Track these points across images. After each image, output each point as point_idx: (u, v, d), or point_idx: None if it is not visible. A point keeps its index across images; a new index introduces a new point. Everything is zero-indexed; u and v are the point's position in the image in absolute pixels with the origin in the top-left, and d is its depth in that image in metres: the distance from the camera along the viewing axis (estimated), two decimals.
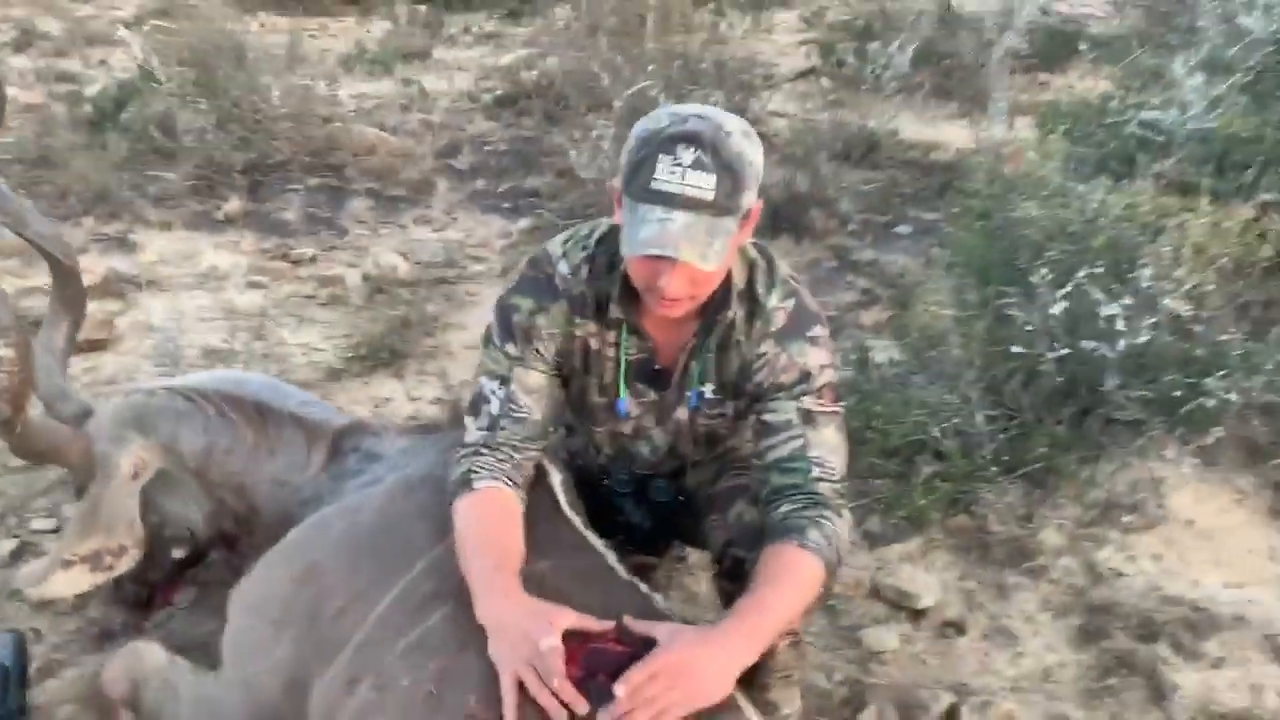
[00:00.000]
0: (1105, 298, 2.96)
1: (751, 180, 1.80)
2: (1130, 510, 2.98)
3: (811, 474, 1.95)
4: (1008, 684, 2.53)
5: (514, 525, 1.93)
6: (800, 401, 1.99)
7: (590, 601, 1.77)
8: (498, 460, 2.00)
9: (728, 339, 2.05)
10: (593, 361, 2.12)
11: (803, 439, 1.97)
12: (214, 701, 2.14)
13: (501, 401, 2.04)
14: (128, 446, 2.45)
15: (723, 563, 2.15)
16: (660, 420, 2.20)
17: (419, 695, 1.68)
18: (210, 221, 5.70)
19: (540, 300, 2.05)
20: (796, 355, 2.00)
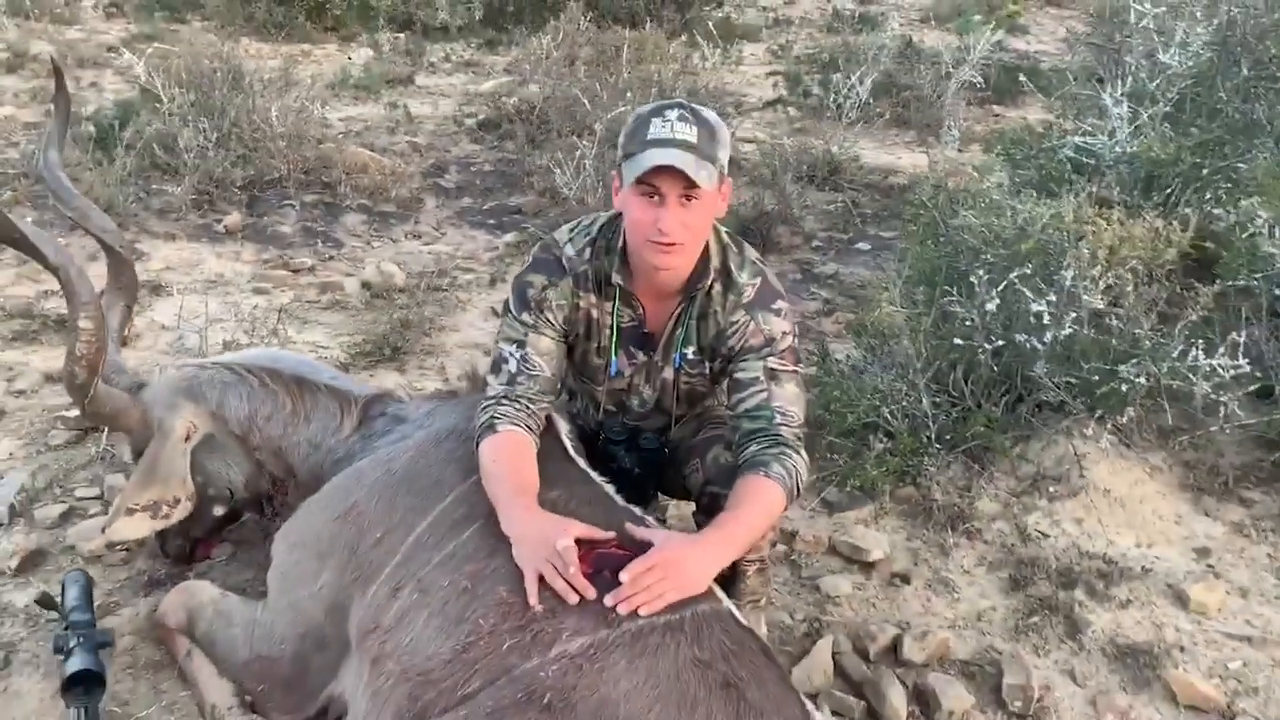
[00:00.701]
0: (1034, 296, 3.37)
1: (724, 142, 2.25)
2: (1056, 481, 3.38)
3: (775, 420, 2.36)
4: (946, 623, 2.91)
5: (529, 460, 2.31)
6: (766, 361, 2.40)
7: (595, 520, 2.15)
8: (515, 409, 2.38)
9: (706, 309, 2.46)
10: (593, 329, 2.53)
11: (767, 392, 2.38)
12: (264, 625, 2.48)
13: (518, 361, 2.43)
14: (180, 412, 2.79)
15: (701, 500, 2.53)
16: (649, 378, 2.60)
17: (456, 592, 2.03)
18: (211, 233, 6.03)
19: (550, 277, 2.46)
20: (763, 323, 2.41)
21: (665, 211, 2.21)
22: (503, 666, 1.86)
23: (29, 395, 3.93)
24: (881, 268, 5.84)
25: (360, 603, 2.28)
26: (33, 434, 3.67)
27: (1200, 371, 3.24)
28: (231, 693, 2.45)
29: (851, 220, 6.49)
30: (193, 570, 2.99)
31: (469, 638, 1.93)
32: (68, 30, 12.30)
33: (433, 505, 2.31)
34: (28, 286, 4.96)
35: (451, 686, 1.88)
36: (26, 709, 2.46)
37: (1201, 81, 4.76)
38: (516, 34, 12.10)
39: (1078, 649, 2.81)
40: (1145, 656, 2.76)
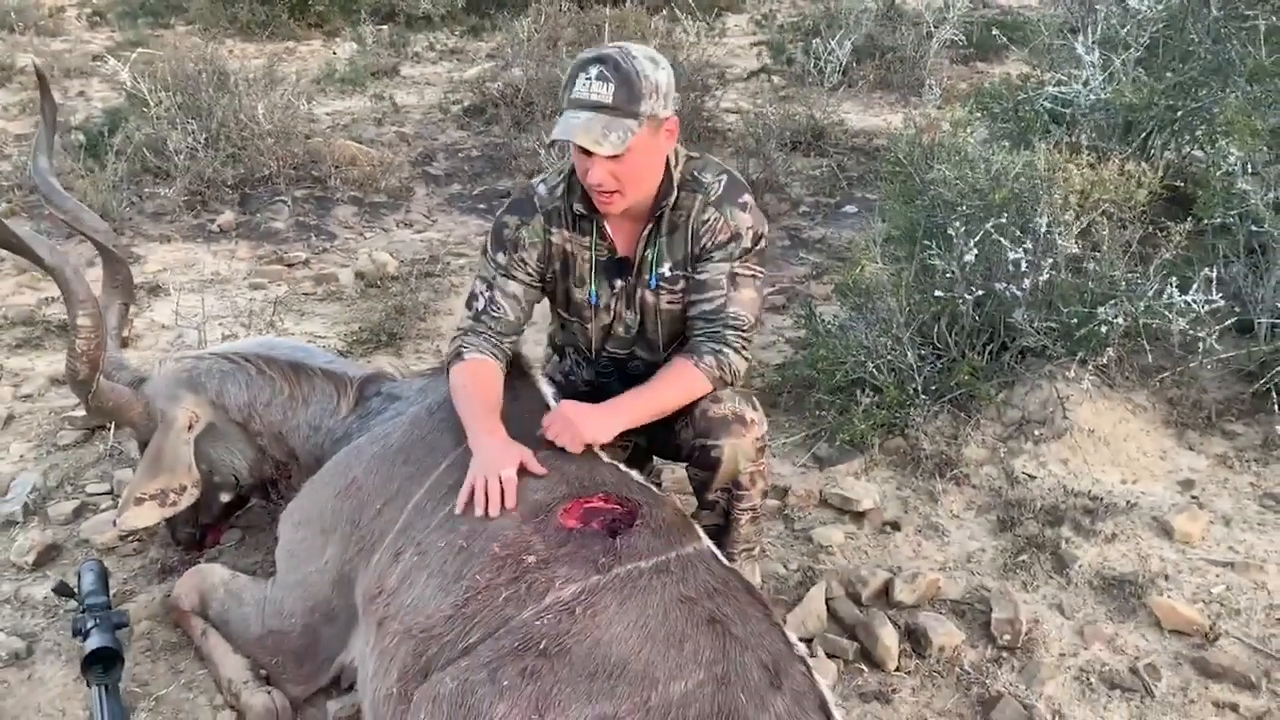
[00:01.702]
0: (1011, 245, 3.45)
1: (649, 91, 2.33)
2: (1040, 424, 3.45)
3: (727, 324, 2.54)
4: (936, 565, 2.99)
5: (495, 384, 2.52)
6: (732, 265, 2.54)
7: (580, 474, 2.24)
8: (482, 340, 2.60)
9: (676, 222, 2.57)
10: (570, 264, 2.66)
11: (724, 297, 2.55)
12: (275, 601, 2.57)
13: (486, 301, 2.64)
14: (182, 403, 2.88)
15: (692, 455, 2.61)
16: (629, 303, 2.69)
17: (453, 552, 2.11)
18: (206, 233, 6.11)
19: (523, 216, 2.62)
20: (729, 218, 2.54)
21: (593, 165, 2.36)
22: (500, 618, 1.94)
23: (36, 399, 4.02)
24: (868, 229, 5.90)
25: (365, 573, 2.37)
26: (42, 435, 3.76)
27: (1176, 308, 3.31)
28: (246, 667, 2.55)
29: (838, 184, 6.54)
30: (203, 556, 3.08)
31: (467, 593, 2.01)
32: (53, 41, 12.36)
33: (428, 473, 2.39)
34: (29, 295, 5.04)
35: (453, 640, 1.97)
36: (50, 694, 2.56)
37: (1173, 25, 4.81)
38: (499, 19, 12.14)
39: (1065, 583, 2.89)
40: (1130, 586, 2.84)
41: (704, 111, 7.39)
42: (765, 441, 2.62)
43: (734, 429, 2.53)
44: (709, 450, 2.53)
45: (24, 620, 2.82)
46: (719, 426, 2.52)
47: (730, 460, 2.54)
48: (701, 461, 2.58)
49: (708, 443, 2.55)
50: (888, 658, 2.58)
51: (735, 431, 2.53)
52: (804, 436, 3.58)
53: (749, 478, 2.59)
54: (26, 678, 2.61)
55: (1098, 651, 2.64)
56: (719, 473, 2.56)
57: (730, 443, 2.52)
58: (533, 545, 2.05)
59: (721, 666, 1.82)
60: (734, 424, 2.53)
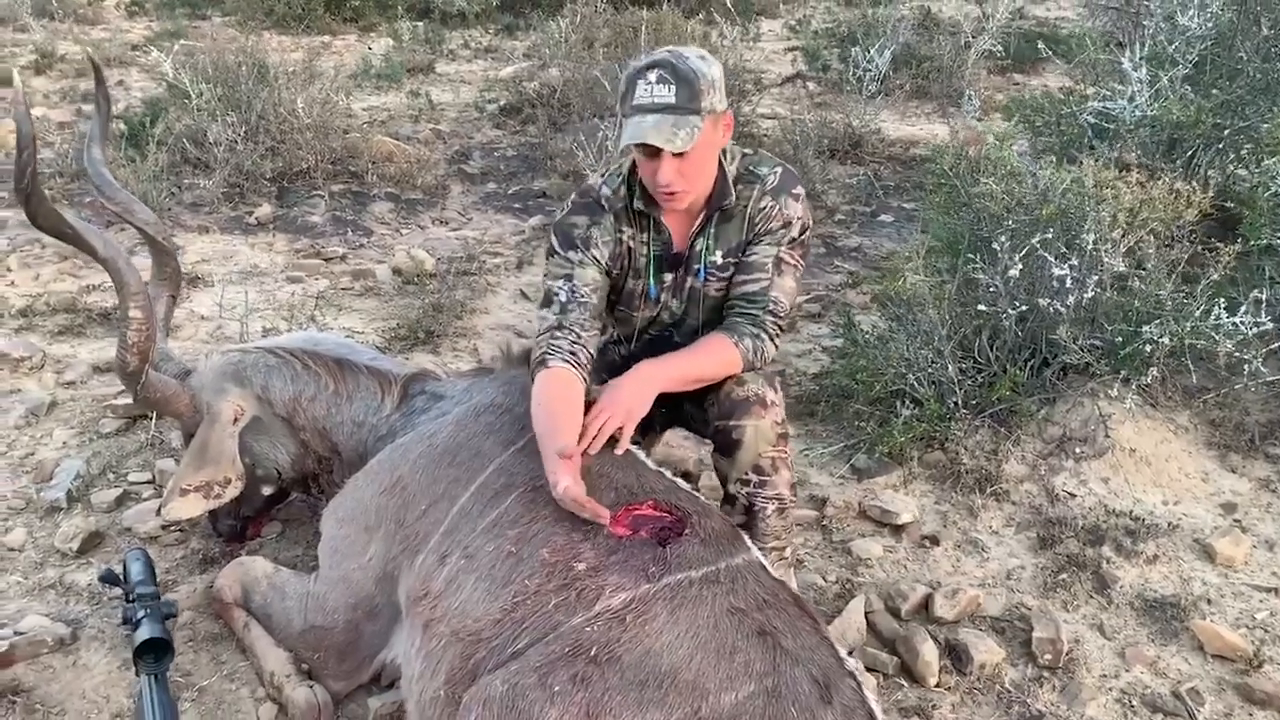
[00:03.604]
0: (1056, 261, 3.43)
1: (707, 88, 2.40)
2: (1082, 442, 3.43)
3: (766, 307, 2.62)
4: (976, 581, 2.98)
5: (573, 397, 2.47)
6: (778, 250, 2.63)
7: (629, 482, 2.25)
8: (568, 341, 2.56)
9: (731, 211, 2.64)
10: (632, 260, 2.73)
11: (769, 281, 2.63)
12: (317, 596, 2.59)
13: (568, 293, 2.62)
14: (228, 396, 2.90)
15: (716, 435, 2.65)
16: (677, 293, 2.77)
17: (501, 556, 2.12)
18: (244, 225, 6.16)
19: (593, 216, 2.67)
20: (784, 206, 2.64)
21: (661, 165, 2.42)
22: (550, 624, 1.95)
23: (78, 386, 4.06)
24: (905, 239, 5.89)
25: (409, 572, 2.38)
26: (84, 423, 3.79)
27: (1224, 330, 3.28)
28: (288, 660, 2.56)
29: (874, 193, 6.52)
30: (245, 548, 3.10)
31: (516, 598, 2.02)
32: (92, 30, 12.49)
33: (474, 476, 2.40)
34: (70, 282, 5.09)
35: (501, 645, 1.98)
36: (95, 681, 2.58)
37: (1221, 42, 4.77)
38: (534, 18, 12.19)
39: (1106, 604, 2.88)
40: (1173, 609, 2.82)
41: (740, 117, 7.38)
42: (786, 428, 2.66)
43: (754, 410, 2.58)
44: (730, 431, 2.59)
45: (69, 607, 2.84)
46: (741, 408, 2.59)
47: (751, 442, 2.58)
48: (723, 443, 2.63)
49: (729, 423, 2.60)
50: (928, 673, 2.58)
51: (756, 412, 2.58)
52: (842, 447, 3.57)
53: (770, 463, 2.61)
54: (71, 664, 2.64)
55: (1139, 674, 2.62)
56: (740, 456, 2.59)
57: (751, 424, 2.57)
58: (582, 552, 2.06)
59: (772, 679, 1.82)
60: (755, 405, 2.58)
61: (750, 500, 2.63)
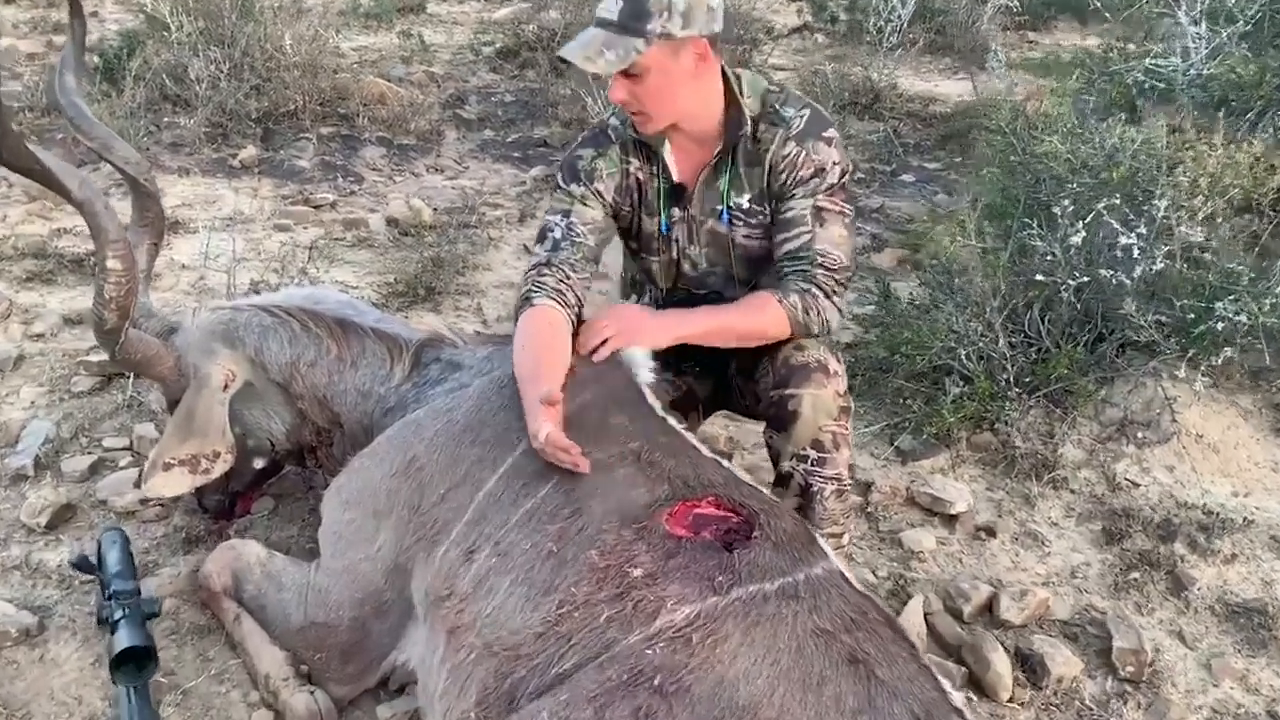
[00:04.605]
0: (1122, 229, 3.14)
1: (660, 10, 2.21)
2: (1144, 426, 3.18)
3: (816, 262, 2.39)
4: (1038, 579, 2.73)
5: (560, 341, 2.32)
6: (815, 199, 2.40)
7: (683, 473, 1.95)
8: (555, 280, 2.41)
9: (756, 155, 2.44)
10: (643, 195, 2.56)
11: (811, 234, 2.40)
12: (319, 589, 2.29)
13: (563, 230, 2.47)
14: (217, 359, 2.58)
15: (770, 408, 2.39)
16: (693, 237, 2.57)
17: (540, 556, 1.84)
18: (227, 168, 5.78)
19: (599, 148, 2.53)
20: (813, 153, 2.40)
21: (612, 82, 2.30)
22: (601, 641, 1.67)
23: (48, 339, 3.72)
24: (929, 201, 5.59)
25: (425, 565, 2.09)
26: (54, 380, 3.47)
27: None
28: (285, 662, 2.27)
29: (894, 151, 6.21)
30: (233, 525, 2.81)
31: (560, 608, 1.74)
32: None
33: (502, 457, 2.11)
34: (40, 224, 4.73)
35: (544, 664, 1.70)
36: (65, 679, 2.29)
37: None
38: None
39: (1183, 607, 2.63)
40: (1258, 615, 2.58)
41: (751, 67, 7.02)
42: (849, 401, 2.43)
43: (815, 378, 2.34)
44: (786, 401, 2.35)
45: (35, 591, 2.55)
46: (799, 375, 2.35)
47: (810, 414, 2.34)
48: (778, 416, 2.39)
49: (786, 393, 2.36)
50: (1000, 687, 2.32)
51: (816, 381, 2.34)
52: (884, 426, 3.30)
53: (831, 439, 2.37)
54: (38, 658, 2.35)
55: (1229, 690, 2.38)
56: (796, 430, 2.36)
57: (811, 393, 2.33)
58: (637, 555, 1.77)
59: (868, 717, 1.55)
60: (815, 373, 2.35)
61: (807, 480, 2.38)
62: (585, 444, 2.04)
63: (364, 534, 2.28)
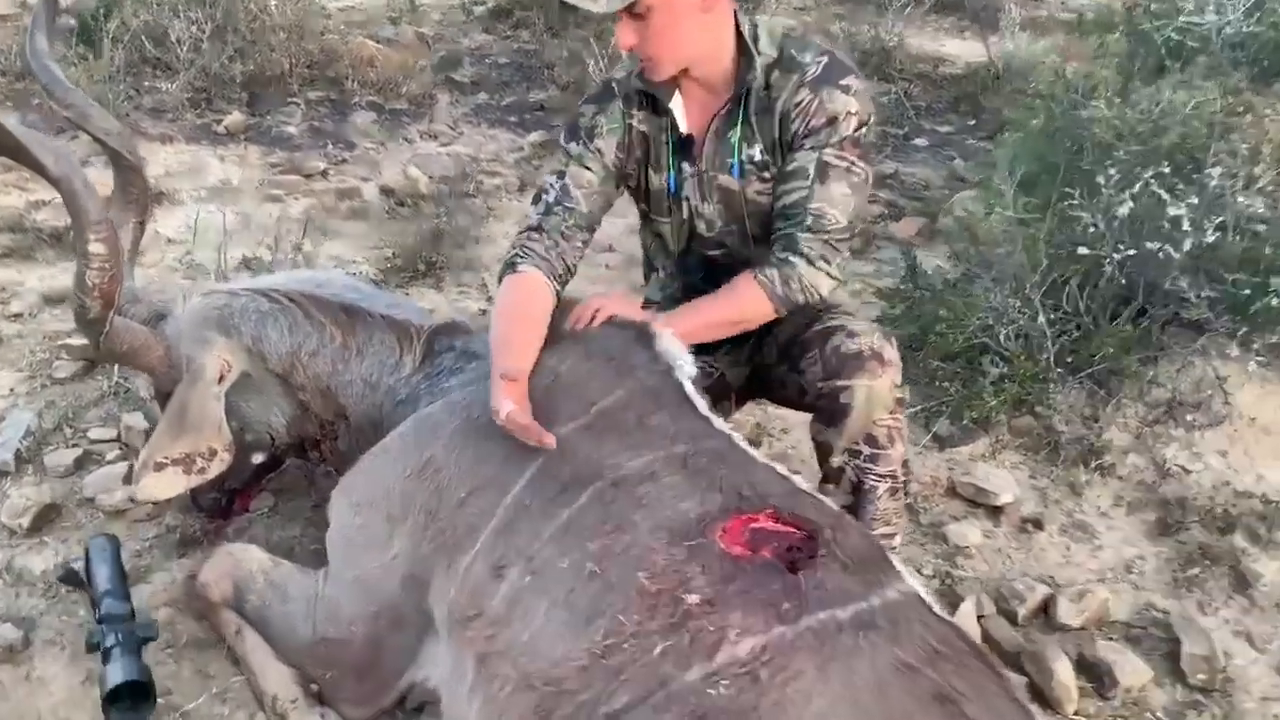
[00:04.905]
0: (1172, 199, 2.96)
1: None
2: (1194, 408, 3.01)
3: (805, 223, 2.21)
4: (1092, 576, 2.57)
5: (534, 308, 2.22)
6: (821, 153, 2.20)
7: (735, 481, 1.77)
8: (544, 246, 2.30)
9: (765, 102, 2.25)
10: (651, 150, 2.40)
11: (809, 191, 2.22)
12: (329, 601, 2.11)
13: (557, 193, 2.34)
14: (211, 348, 2.38)
15: (819, 400, 2.22)
16: (705, 194, 2.40)
17: (581, 577, 1.65)
18: (211, 135, 5.53)
19: (601, 103, 2.38)
20: (827, 100, 2.20)
21: (619, 27, 2.15)
22: (657, 678, 1.49)
23: (27, 320, 3.51)
24: (944, 166, 5.39)
25: (446, 577, 1.91)
26: (34, 365, 3.26)
27: None
28: (294, 680, 2.09)
29: (905, 114, 5.99)
30: (231, 525, 2.62)
31: (608, 639, 1.56)
32: None
33: (529, 459, 1.91)
34: (16, 196, 4.49)
35: (592, 701, 1.52)
36: (53, 699, 2.11)
37: None
38: None
39: (1249, 606, 2.47)
40: None
41: None
42: (904, 393, 2.26)
43: (869, 367, 2.16)
44: (838, 394, 2.18)
45: (19, 601, 2.36)
46: (852, 365, 2.17)
47: (864, 407, 2.16)
48: (829, 409, 2.21)
49: (837, 384, 2.18)
50: (1065, 698, 2.15)
51: (870, 370, 2.16)
52: (918, 410, 3.11)
53: (886, 434, 2.20)
54: (24, 676, 2.17)
55: None
56: (849, 424, 2.18)
57: (865, 384, 2.15)
58: (691, 579, 1.59)
59: None
60: (869, 361, 2.16)
61: (859, 477, 2.21)
62: (624, 448, 1.86)
63: (377, 540, 2.09)
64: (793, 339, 2.37)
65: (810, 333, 2.31)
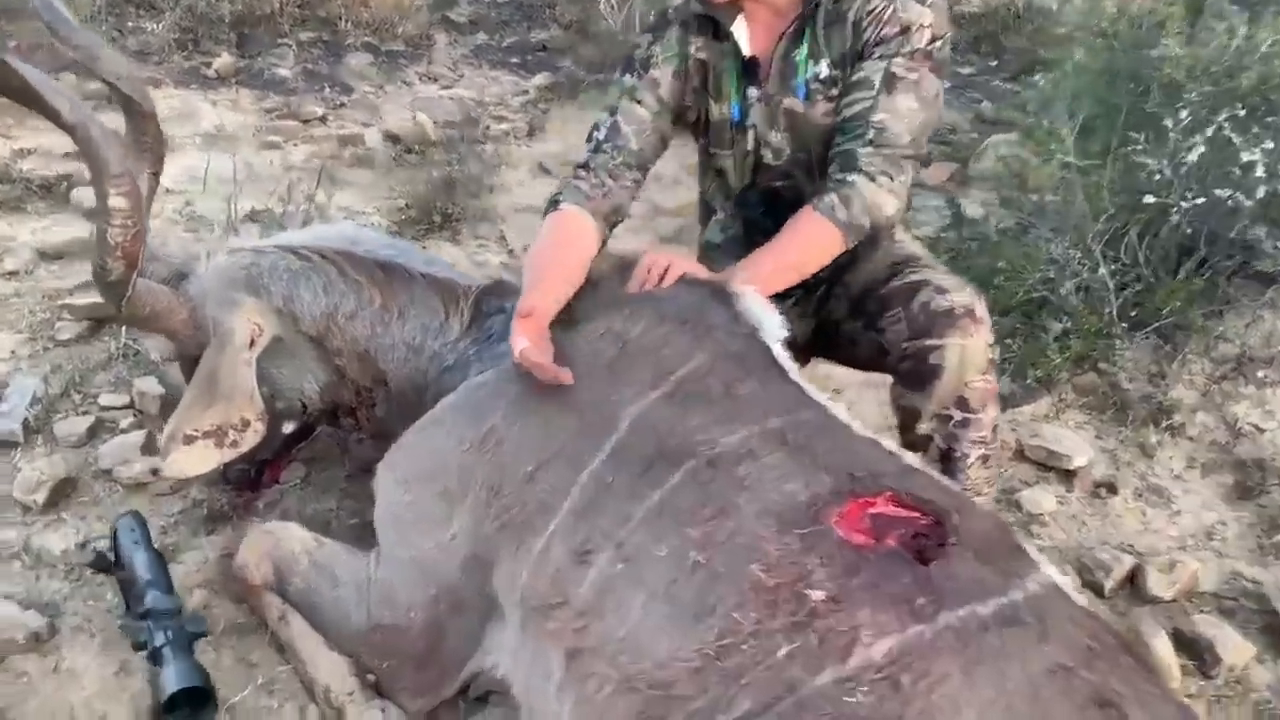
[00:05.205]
0: (1244, 143, 2.80)
1: None
2: (1265, 364, 2.88)
3: (866, 136, 2.06)
4: (1174, 544, 2.45)
5: (571, 248, 2.12)
6: (890, 63, 2.06)
7: (841, 459, 1.61)
8: (590, 185, 2.18)
9: (835, 14, 2.12)
10: (710, 79, 2.26)
11: (872, 102, 2.07)
12: (383, 585, 1.95)
13: (608, 129, 2.23)
14: (240, 310, 2.20)
15: (903, 363, 2.07)
16: (771, 121, 2.24)
17: (684, 568, 1.50)
18: (201, 78, 5.29)
19: (656, 32, 2.27)
20: (901, 9, 2.06)
21: None
22: (784, 683, 1.34)
23: (23, 277, 3.30)
24: (969, 109, 5.21)
25: (516, 559, 1.75)
26: (35, 326, 3.05)
27: None
28: (348, 671, 1.94)
29: None
30: (260, 499, 2.45)
31: (723, 638, 1.41)
32: None
33: (605, 432, 1.75)
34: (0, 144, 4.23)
35: (707, 708, 1.37)
36: (86, 692, 1.95)
37: None
38: None
39: None
40: None
41: None
42: (995, 353, 2.10)
43: (962, 325, 2.01)
44: (927, 355, 2.03)
45: (40, 584, 2.18)
46: (943, 322, 2.02)
47: (955, 367, 2.01)
48: (916, 371, 2.06)
49: (927, 344, 2.03)
50: (1166, 677, 2.03)
51: (963, 328, 2.01)
52: None
53: (979, 397, 2.05)
54: (52, 668, 2.00)
55: None
56: (939, 387, 2.03)
57: (958, 344, 2.01)
58: (810, 571, 1.44)
59: None
60: (962, 319, 2.01)
61: (950, 445, 2.07)
62: (713, 421, 1.70)
63: (432, 518, 1.93)
64: (867, 292, 2.22)
65: (891, 287, 2.15)
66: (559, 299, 2.00)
